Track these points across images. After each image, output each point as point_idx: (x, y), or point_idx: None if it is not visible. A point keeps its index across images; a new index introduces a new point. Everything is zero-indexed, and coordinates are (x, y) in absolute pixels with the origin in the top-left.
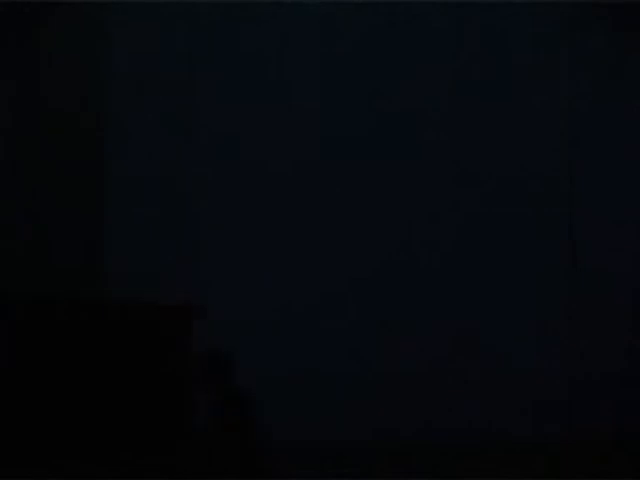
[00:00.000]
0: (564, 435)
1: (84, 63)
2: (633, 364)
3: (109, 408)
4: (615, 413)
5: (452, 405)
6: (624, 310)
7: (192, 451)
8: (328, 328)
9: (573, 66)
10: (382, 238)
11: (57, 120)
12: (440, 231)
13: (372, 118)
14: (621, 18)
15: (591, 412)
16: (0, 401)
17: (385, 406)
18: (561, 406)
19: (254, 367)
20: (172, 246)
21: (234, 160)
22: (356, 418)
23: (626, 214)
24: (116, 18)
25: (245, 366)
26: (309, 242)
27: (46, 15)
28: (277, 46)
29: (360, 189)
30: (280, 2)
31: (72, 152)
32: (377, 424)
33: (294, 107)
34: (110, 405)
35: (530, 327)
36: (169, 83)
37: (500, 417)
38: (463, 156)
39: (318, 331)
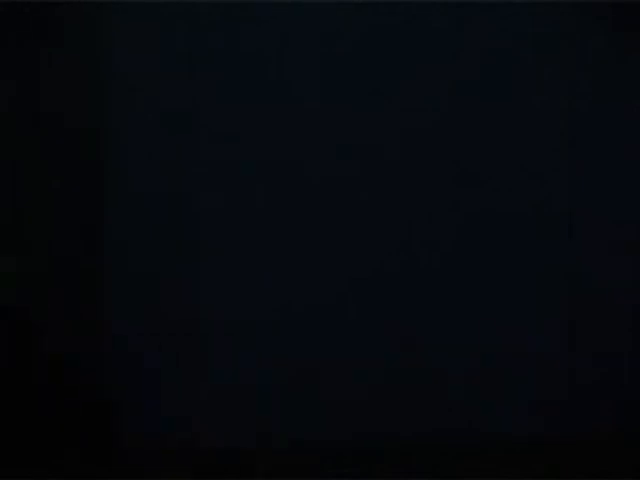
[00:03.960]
0: (564, 435)
1: (84, 63)
2: (633, 364)
3: None
4: (615, 413)
5: (452, 405)
6: (624, 310)
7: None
8: (328, 328)
9: (573, 66)
10: (382, 238)
11: (57, 120)
12: (440, 231)
13: (372, 118)
14: (621, 18)
15: (591, 412)
16: None
17: (385, 406)
18: (561, 406)
19: (254, 367)
20: (172, 246)
21: (234, 160)
22: (356, 418)
23: (626, 214)
24: (116, 18)
25: (245, 366)
26: (309, 242)
27: (46, 15)
28: (277, 46)
29: (360, 189)
30: (280, 2)
31: (72, 152)
32: (377, 424)
33: (294, 107)
34: None
35: (530, 327)
36: (169, 83)
37: (500, 417)
38: (463, 156)
39: (318, 331)
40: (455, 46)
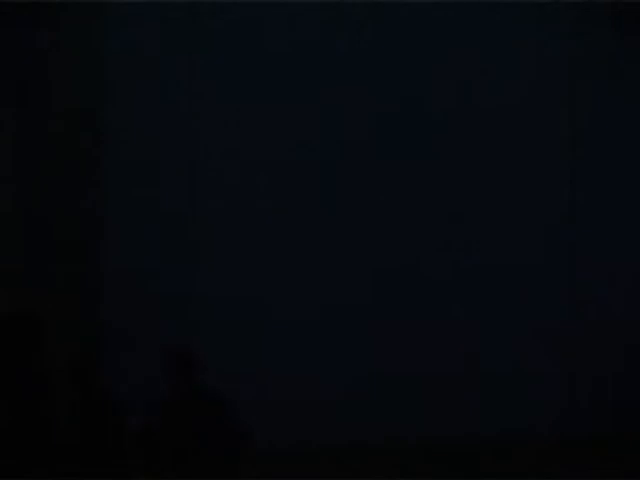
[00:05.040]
0: (564, 435)
1: (84, 63)
2: (633, 364)
3: None
4: (615, 413)
5: (452, 405)
6: (624, 310)
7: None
8: (328, 329)
9: (573, 66)
10: (382, 239)
11: (57, 120)
12: (440, 232)
13: (372, 119)
14: (621, 18)
15: (591, 412)
16: None
17: (385, 406)
18: (561, 406)
19: (254, 367)
20: (172, 246)
21: (234, 160)
22: (356, 418)
23: (627, 214)
24: (116, 18)
25: (245, 366)
26: (309, 243)
27: (46, 15)
28: (277, 46)
29: (361, 190)
30: (280, 2)
31: (71, 152)
32: (378, 424)
33: (294, 107)
34: None
35: (530, 327)
36: (169, 83)
37: (500, 417)
38: (463, 156)
39: (319, 332)
40: (455, 46)
